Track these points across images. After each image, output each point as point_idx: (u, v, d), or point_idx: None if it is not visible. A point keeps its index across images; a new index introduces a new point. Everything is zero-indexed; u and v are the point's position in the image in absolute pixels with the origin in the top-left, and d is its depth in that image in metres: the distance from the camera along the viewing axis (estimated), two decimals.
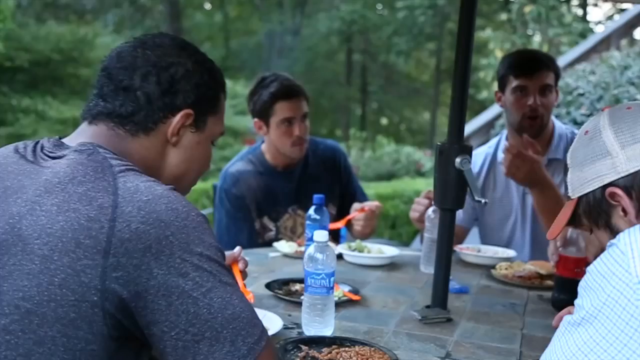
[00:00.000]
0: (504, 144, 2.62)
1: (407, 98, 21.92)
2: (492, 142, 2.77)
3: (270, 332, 1.53)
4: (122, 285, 1.01)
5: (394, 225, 6.92)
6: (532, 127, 2.49)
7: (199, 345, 1.02)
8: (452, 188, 1.79)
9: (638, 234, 1.02)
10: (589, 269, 1.07)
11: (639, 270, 0.98)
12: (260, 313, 1.63)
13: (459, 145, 1.78)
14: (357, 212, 2.56)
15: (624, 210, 1.16)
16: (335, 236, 2.90)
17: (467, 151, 1.77)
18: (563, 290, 1.86)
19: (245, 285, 1.64)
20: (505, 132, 2.70)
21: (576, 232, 1.86)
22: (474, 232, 2.83)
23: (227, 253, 1.65)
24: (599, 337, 1.01)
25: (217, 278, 1.05)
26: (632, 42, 7.12)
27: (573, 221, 1.29)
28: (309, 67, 20.26)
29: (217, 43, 20.36)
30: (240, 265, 1.62)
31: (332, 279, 1.57)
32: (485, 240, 2.70)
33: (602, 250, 1.10)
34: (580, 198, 1.25)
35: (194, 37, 19.75)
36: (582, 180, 1.23)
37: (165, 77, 1.21)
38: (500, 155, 2.58)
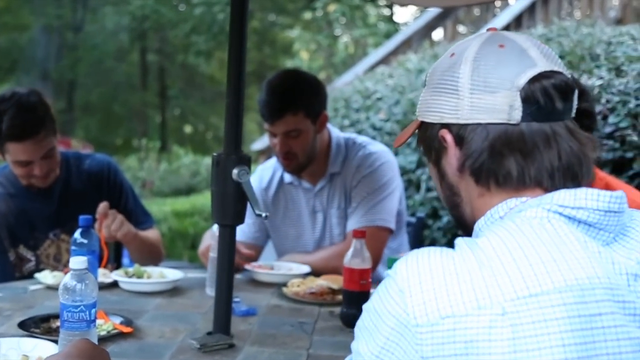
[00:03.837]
0: None
1: (212, 103, 21.93)
2: (263, 166, 2.91)
3: None
4: None
5: (194, 245, 6.88)
6: (289, 166, 2.65)
7: None
8: (231, 202, 1.83)
9: (415, 266, 0.99)
10: (366, 306, 1.04)
11: (417, 310, 0.95)
12: (31, 342, 1.58)
13: (237, 155, 1.82)
14: (102, 234, 2.47)
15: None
16: (118, 260, 2.84)
17: (245, 162, 1.82)
18: (351, 305, 1.98)
19: None
20: None
21: (360, 242, 1.98)
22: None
23: None
24: None
25: None
26: (433, 43, 7.75)
27: (418, 139, 1.25)
28: (96, 68, 19.52)
29: None
30: None
31: (93, 310, 1.52)
32: (281, 257, 2.80)
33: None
34: (422, 122, 1.19)
35: None
36: (427, 105, 1.16)
37: None
38: (288, 177, 2.75)
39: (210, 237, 2.31)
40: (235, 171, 1.80)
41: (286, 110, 2.52)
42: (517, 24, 7.05)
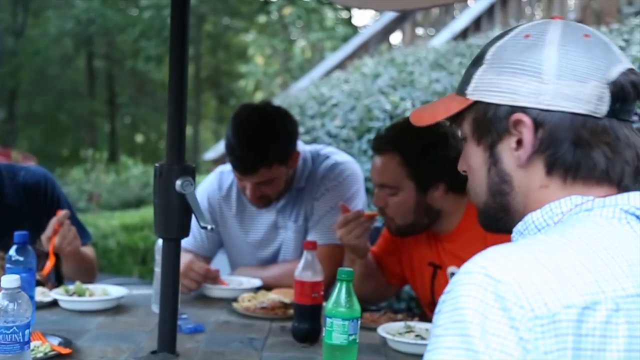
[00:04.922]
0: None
1: (165, 111, 21.79)
2: (223, 168, 2.86)
3: None
4: None
5: (145, 260, 6.80)
6: (259, 204, 2.66)
7: None
8: (175, 214, 1.82)
9: (506, 259, 0.94)
10: (443, 311, 0.94)
11: (533, 302, 0.90)
12: None
13: (180, 166, 1.81)
14: (52, 242, 2.42)
15: (519, 142, 1.10)
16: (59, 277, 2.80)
17: (189, 172, 1.82)
18: (302, 319, 1.98)
19: None
20: None
21: (311, 254, 1.99)
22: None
23: None
24: None
25: None
26: (390, 47, 7.83)
27: (455, 119, 1.19)
28: (39, 75, 19.27)
29: None
30: None
31: (26, 331, 1.51)
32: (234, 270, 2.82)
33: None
34: (476, 102, 1.14)
35: None
36: (492, 85, 1.12)
37: None
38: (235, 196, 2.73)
39: (156, 251, 2.29)
40: (178, 182, 1.79)
41: (260, 166, 2.48)
42: (475, 26, 7.16)
